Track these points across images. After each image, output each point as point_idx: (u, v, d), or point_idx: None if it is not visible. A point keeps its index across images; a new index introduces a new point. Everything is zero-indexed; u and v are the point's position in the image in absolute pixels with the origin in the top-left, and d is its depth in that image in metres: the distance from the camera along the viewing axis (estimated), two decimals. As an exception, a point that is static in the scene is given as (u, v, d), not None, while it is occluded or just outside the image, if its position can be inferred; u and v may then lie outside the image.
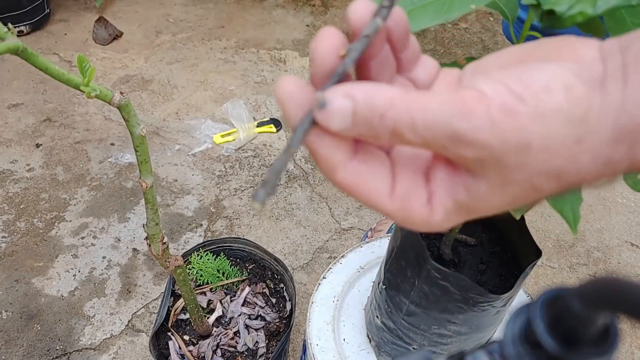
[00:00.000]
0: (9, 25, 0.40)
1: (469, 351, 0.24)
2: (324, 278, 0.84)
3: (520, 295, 0.81)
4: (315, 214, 1.51)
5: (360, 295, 0.83)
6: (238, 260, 1.09)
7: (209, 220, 1.48)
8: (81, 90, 0.46)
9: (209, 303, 1.03)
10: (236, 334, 0.99)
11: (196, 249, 1.05)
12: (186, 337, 0.98)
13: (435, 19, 0.40)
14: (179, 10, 2.26)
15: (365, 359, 0.77)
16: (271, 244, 1.43)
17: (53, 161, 1.61)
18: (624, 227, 1.55)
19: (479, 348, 0.24)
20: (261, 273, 1.08)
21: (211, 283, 1.04)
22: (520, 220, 0.64)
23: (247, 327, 1.00)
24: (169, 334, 0.97)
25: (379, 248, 0.89)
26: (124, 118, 0.54)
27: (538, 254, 0.60)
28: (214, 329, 0.99)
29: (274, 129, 1.75)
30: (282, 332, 0.99)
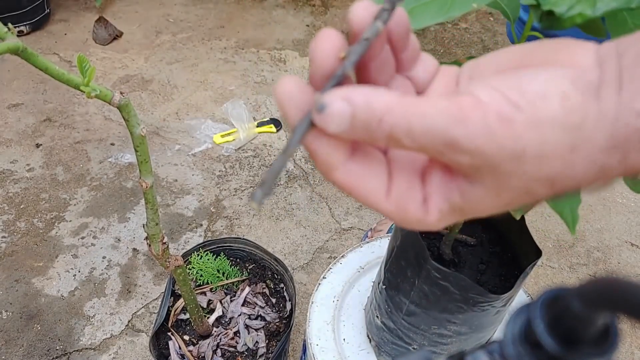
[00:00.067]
0: (9, 25, 0.40)
1: (469, 351, 0.24)
2: (324, 278, 0.84)
3: (520, 295, 0.81)
4: (315, 214, 1.51)
5: (360, 295, 0.83)
6: (238, 260, 1.09)
7: (209, 220, 1.48)
8: (81, 90, 0.46)
9: (209, 303, 1.03)
10: (236, 334, 0.99)
11: (196, 249, 1.05)
12: (186, 337, 0.98)
13: (436, 17, 0.40)
14: (179, 10, 2.26)
15: (365, 359, 0.77)
16: (271, 244, 1.43)
17: (53, 161, 1.61)
18: (624, 227, 1.55)
19: (479, 348, 0.24)
20: (261, 273, 1.08)
21: (211, 283, 1.04)
22: (520, 221, 0.64)
23: (247, 327, 1.00)
24: (169, 334, 0.97)
25: (379, 248, 0.89)
26: (124, 118, 0.54)
27: (538, 254, 0.60)
28: (214, 329, 0.99)
29: (274, 129, 1.74)
30: (282, 332, 0.99)
